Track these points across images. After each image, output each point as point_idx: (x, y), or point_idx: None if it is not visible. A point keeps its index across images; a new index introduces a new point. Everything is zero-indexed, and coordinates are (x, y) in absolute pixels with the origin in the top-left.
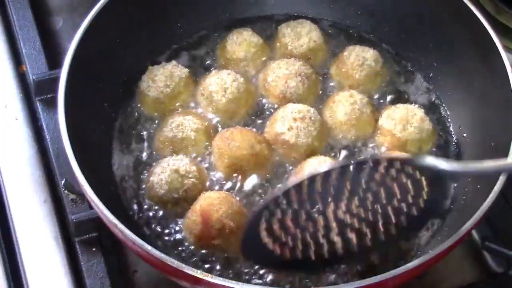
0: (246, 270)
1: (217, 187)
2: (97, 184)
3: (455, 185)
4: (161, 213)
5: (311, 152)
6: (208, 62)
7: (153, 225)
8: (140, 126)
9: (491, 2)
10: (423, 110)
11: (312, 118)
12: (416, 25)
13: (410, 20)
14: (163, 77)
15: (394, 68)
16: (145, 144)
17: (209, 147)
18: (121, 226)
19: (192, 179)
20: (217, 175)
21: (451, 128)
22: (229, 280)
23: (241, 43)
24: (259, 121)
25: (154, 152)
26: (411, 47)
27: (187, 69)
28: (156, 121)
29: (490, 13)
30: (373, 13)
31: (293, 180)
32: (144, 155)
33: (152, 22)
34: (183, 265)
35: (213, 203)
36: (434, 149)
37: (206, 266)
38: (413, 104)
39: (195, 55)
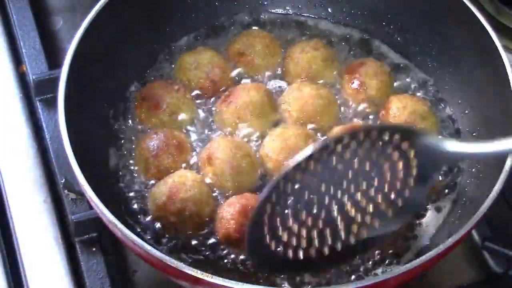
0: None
1: None
2: (97, 184)
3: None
4: None
5: None
6: None
7: (153, 225)
8: (140, 126)
9: (491, 2)
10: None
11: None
12: (416, 25)
13: (411, 20)
14: None
15: (394, 68)
16: None
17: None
18: (121, 226)
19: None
20: None
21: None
22: (229, 280)
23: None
24: None
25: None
26: (412, 47)
27: None
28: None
29: (490, 13)
30: (373, 14)
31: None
32: None
33: (152, 22)
34: (183, 265)
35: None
36: None
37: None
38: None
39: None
